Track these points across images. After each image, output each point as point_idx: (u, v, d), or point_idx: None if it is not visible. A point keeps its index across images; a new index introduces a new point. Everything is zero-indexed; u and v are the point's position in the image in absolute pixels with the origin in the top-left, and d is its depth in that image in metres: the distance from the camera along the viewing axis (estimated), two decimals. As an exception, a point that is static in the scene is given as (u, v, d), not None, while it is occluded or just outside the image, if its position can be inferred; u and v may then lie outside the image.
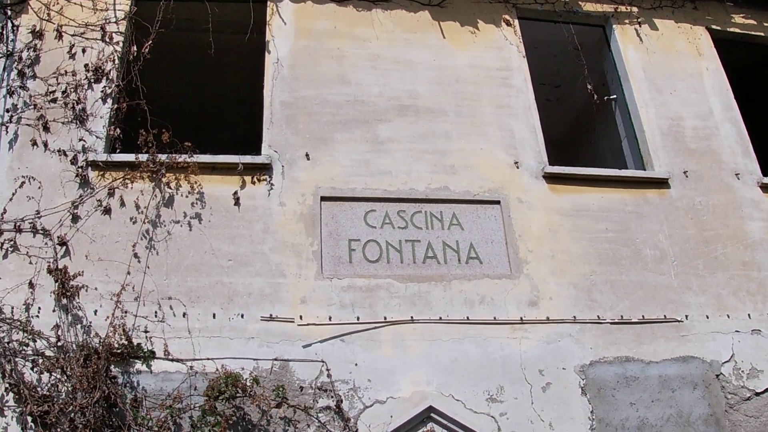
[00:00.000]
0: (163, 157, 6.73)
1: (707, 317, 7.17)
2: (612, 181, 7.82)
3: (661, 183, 7.91)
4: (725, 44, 9.30)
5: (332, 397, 5.98)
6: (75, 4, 7.49)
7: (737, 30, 9.42)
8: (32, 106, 6.91)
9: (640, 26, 8.96)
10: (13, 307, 5.95)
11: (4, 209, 6.34)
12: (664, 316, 7.06)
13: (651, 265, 7.36)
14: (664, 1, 9.22)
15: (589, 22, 9.00)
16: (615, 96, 8.74)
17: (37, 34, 7.25)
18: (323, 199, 6.92)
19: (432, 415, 6.06)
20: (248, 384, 5.75)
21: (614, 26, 8.94)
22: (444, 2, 8.31)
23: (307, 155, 7.13)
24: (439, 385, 6.24)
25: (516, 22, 8.54)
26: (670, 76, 8.69)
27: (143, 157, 6.75)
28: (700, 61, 8.93)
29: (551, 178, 7.58)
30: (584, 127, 9.77)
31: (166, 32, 7.48)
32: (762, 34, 9.60)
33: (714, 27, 9.27)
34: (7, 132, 6.82)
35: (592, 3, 8.95)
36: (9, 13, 7.33)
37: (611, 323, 6.90)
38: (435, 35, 8.20)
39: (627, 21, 8.93)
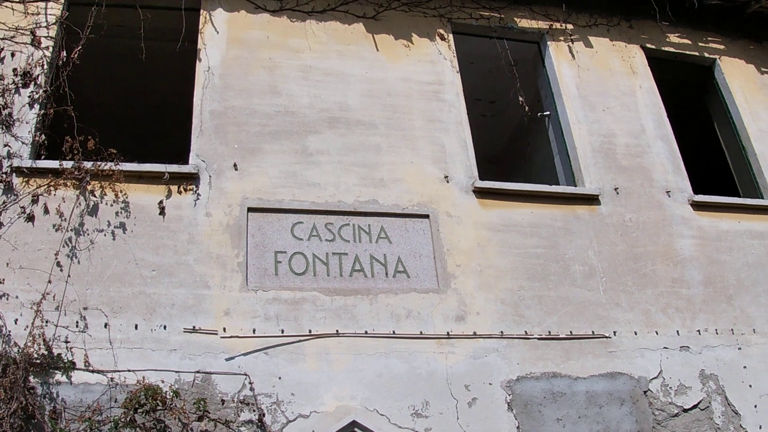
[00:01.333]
0: (88, 164, 6.70)
1: (635, 333, 7.30)
2: (542, 197, 7.92)
3: (592, 199, 8.04)
4: (659, 63, 9.49)
5: (255, 410, 5.99)
6: (6, 7, 7.45)
7: (672, 49, 9.63)
8: None
9: (574, 43, 9.10)
10: None
11: None
12: (592, 332, 7.18)
13: (580, 281, 7.47)
14: (600, 20, 9.39)
15: (524, 39, 9.12)
16: (548, 112, 8.87)
17: None
18: (250, 210, 6.93)
19: (356, 430, 6.10)
20: (168, 396, 5.76)
21: (549, 43, 9.07)
22: (378, 15, 8.39)
23: (235, 165, 7.15)
24: (364, 399, 6.27)
25: (450, 36, 8.64)
26: (603, 94, 8.87)
27: (68, 164, 6.69)
28: (633, 79, 9.10)
29: (481, 193, 7.66)
30: (519, 143, 9.87)
31: (98, 38, 7.46)
32: (696, 53, 9.84)
33: (649, 46, 9.48)
34: None
35: (527, 19, 9.07)
36: None
37: (539, 339, 7.00)
38: (369, 48, 8.27)
39: (562, 38, 9.08)
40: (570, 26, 9.19)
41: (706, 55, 9.84)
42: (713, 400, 7.22)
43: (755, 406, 7.31)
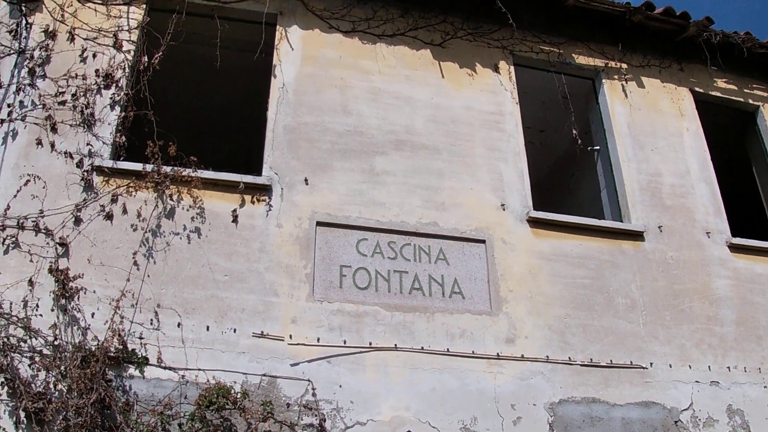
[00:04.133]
0: (167, 169, 6.76)
1: (670, 366, 7.36)
2: (591, 230, 7.97)
3: (637, 235, 8.08)
4: (706, 106, 9.44)
5: (316, 415, 6.04)
6: (89, 8, 7.49)
7: (719, 94, 9.58)
8: (41, 106, 6.86)
9: (627, 83, 9.08)
10: (11, 303, 5.91)
11: (8, 205, 6.32)
12: (631, 362, 7.24)
13: (622, 312, 7.52)
14: (652, 61, 9.37)
15: (580, 75, 9.14)
16: (599, 147, 8.83)
17: (50, 35, 7.25)
18: (319, 224, 6.97)
19: None
20: (238, 397, 5.82)
21: (603, 80, 9.07)
22: (445, 43, 8.42)
23: (306, 180, 7.20)
24: (418, 411, 6.33)
25: (512, 68, 8.64)
26: (652, 133, 8.90)
27: (149, 167, 6.77)
28: (681, 121, 9.13)
29: (534, 222, 7.70)
30: (563, 173, 9.72)
31: (176, 44, 7.47)
32: (741, 99, 9.76)
33: (697, 89, 9.48)
34: (15, 130, 6.82)
35: (585, 56, 9.12)
36: (23, 10, 7.28)
37: (581, 365, 7.07)
38: (435, 74, 8.25)
39: (616, 76, 9.12)
40: (624, 65, 9.21)
41: (751, 101, 9.79)
42: None
43: None
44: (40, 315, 6.03)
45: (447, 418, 6.44)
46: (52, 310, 6.07)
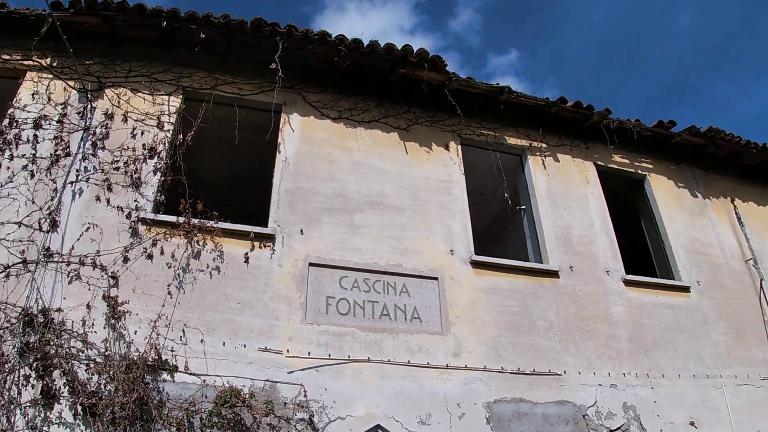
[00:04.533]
0: (195, 221, 6.79)
1: (579, 373, 7.46)
2: (518, 270, 8.01)
3: (553, 274, 8.16)
4: (606, 175, 9.51)
5: (307, 412, 6.07)
6: (139, 97, 7.54)
7: (615, 166, 9.69)
8: (100, 171, 6.93)
9: (546, 158, 9.14)
10: (73, 322, 5.95)
11: (72, 246, 6.37)
12: (549, 370, 7.33)
13: (542, 332, 7.59)
14: (565, 141, 9.47)
15: (511, 152, 9.13)
16: (524, 206, 8.82)
17: (109, 116, 7.31)
18: (311, 264, 6.99)
19: (379, 430, 6.23)
20: (247, 397, 5.87)
21: (528, 156, 9.10)
22: (409, 127, 8.45)
23: (301, 231, 7.22)
24: (385, 409, 6.37)
25: (459, 147, 8.66)
26: (564, 196, 8.96)
27: (181, 219, 6.81)
28: (587, 187, 9.20)
29: (475, 264, 7.73)
30: (498, 226, 9.64)
31: (205, 126, 7.50)
32: (632, 170, 9.90)
33: (599, 162, 9.56)
34: (81, 189, 6.83)
35: (514, 138, 9.15)
36: (89, 96, 7.35)
37: (511, 373, 7.11)
38: (401, 151, 8.29)
39: (537, 153, 9.14)
40: (544, 145, 9.29)
41: (639, 171, 9.92)
42: (631, 424, 7.34)
43: (660, 431, 7.47)
44: (95, 332, 6.03)
45: (408, 414, 6.47)
46: (104, 328, 6.07)
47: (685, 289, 8.98)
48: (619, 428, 7.30)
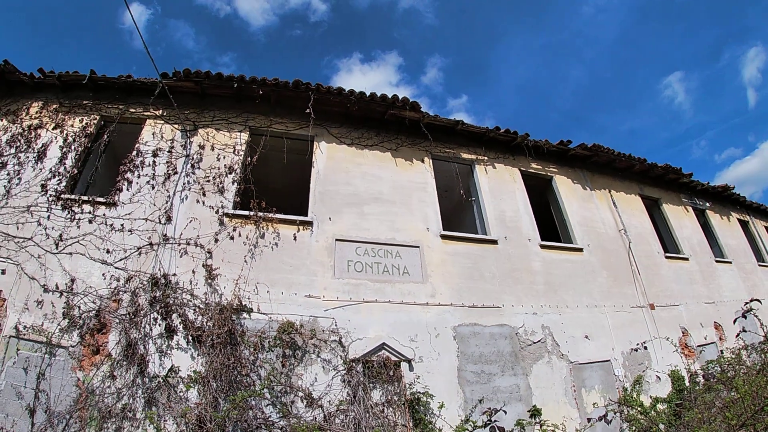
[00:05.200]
0: (261, 214, 6.81)
1: (512, 306, 7.47)
2: (471, 240, 7.96)
3: (494, 242, 8.11)
4: (527, 176, 9.48)
5: (337, 335, 6.15)
6: (220, 133, 7.48)
7: (532, 170, 9.62)
8: (197, 183, 6.94)
9: (487, 166, 9.07)
10: (183, 282, 6.01)
11: (181, 233, 6.40)
12: (493, 304, 7.33)
13: (488, 280, 7.58)
14: (499, 154, 9.34)
15: (464, 163, 8.98)
16: (474, 198, 8.84)
17: (201, 147, 7.30)
18: (336, 240, 6.96)
19: (384, 345, 6.29)
20: (298, 327, 5.99)
21: (476, 165, 8.98)
22: (398, 148, 8.36)
23: (330, 218, 7.16)
24: (388, 332, 6.41)
25: (431, 161, 8.54)
26: (500, 191, 8.87)
27: (251, 213, 6.80)
28: (514, 185, 9.11)
29: (443, 237, 7.68)
30: (458, 212, 9.68)
31: (265, 151, 7.50)
32: (544, 173, 9.75)
33: (522, 168, 9.45)
34: (186, 196, 6.82)
35: (466, 153, 8.98)
36: (188, 134, 7.35)
37: (468, 307, 7.13)
38: (392, 164, 8.19)
39: (482, 163, 9.03)
40: (486, 158, 9.17)
41: (548, 174, 9.85)
42: (548, 337, 7.40)
43: (566, 342, 7.47)
44: (198, 288, 6.07)
45: (402, 335, 6.50)
46: (204, 285, 6.11)
47: (580, 250, 8.98)
48: (539, 341, 7.34)
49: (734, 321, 4.35)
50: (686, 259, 10.52)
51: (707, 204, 12.70)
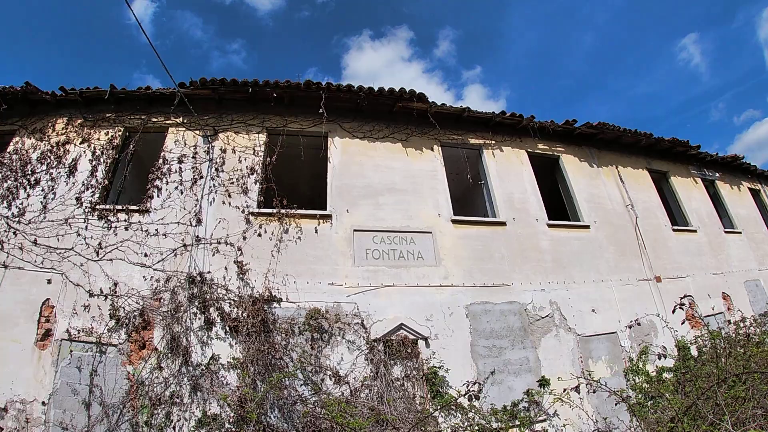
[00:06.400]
0: (283, 211, 7.10)
1: (521, 284, 7.66)
2: (481, 223, 8.09)
3: (503, 224, 8.25)
4: (534, 158, 9.55)
5: (359, 318, 6.51)
6: (241, 136, 7.70)
7: (539, 151, 9.68)
8: (222, 185, 7.19)
9: (494, 150, 9.16)
10: (217, 278, 6.38)
11: (211, 233, 6.74)
12: (503, 283, 7.54)
13: (497, 261, 7.75)
14: (506, 138, 9.42)
15: (473, 147, 9.05)
16: (483, 181, 8.98)
17: (223, 150, 7.49)
18: (355, 230, 7.18)
19: (402, 325, 6.60)
20: (323, 313, 6.35)
21: (484, 150, 9.05)
22: (408, 139, 8.49)
23: (347, 210, 7.36)
24: (406, 314, 6.72)
25: (440, 148, 8.60)
26: (507, 174, 8.95)
27: (274, 210, 7.09)
28: (521, 167, 9.16)
29: (454, 222, 7.82)
30: (468, 196, 9.79)
31: (283, 150, 7.73)
32: (551, 153, 9.73)
33: (529, 150, 9.53)
34: (214, 198, 7.08)
35: (474, 138, 9.06)
36: (209, 139, 7.57)
37: (480, 287, 7.36)
38: (404, 154, 8.27)
39: (489, 147, 9.15)
40: (493, 142, 9.24)
41: (555, 153, 9.84)
42: (555, 312, 7.62)
43: (573, 316, 7.69)
44: (231, 283, 6.45)
45: (419, 315, 6.84)
46: (236, 280, 6.50)
47: (587, 227, 9.04)
48: (547, 315, 7.57)
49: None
50: (694, 231, 10.61)
51: (717, 174, 12.65)
